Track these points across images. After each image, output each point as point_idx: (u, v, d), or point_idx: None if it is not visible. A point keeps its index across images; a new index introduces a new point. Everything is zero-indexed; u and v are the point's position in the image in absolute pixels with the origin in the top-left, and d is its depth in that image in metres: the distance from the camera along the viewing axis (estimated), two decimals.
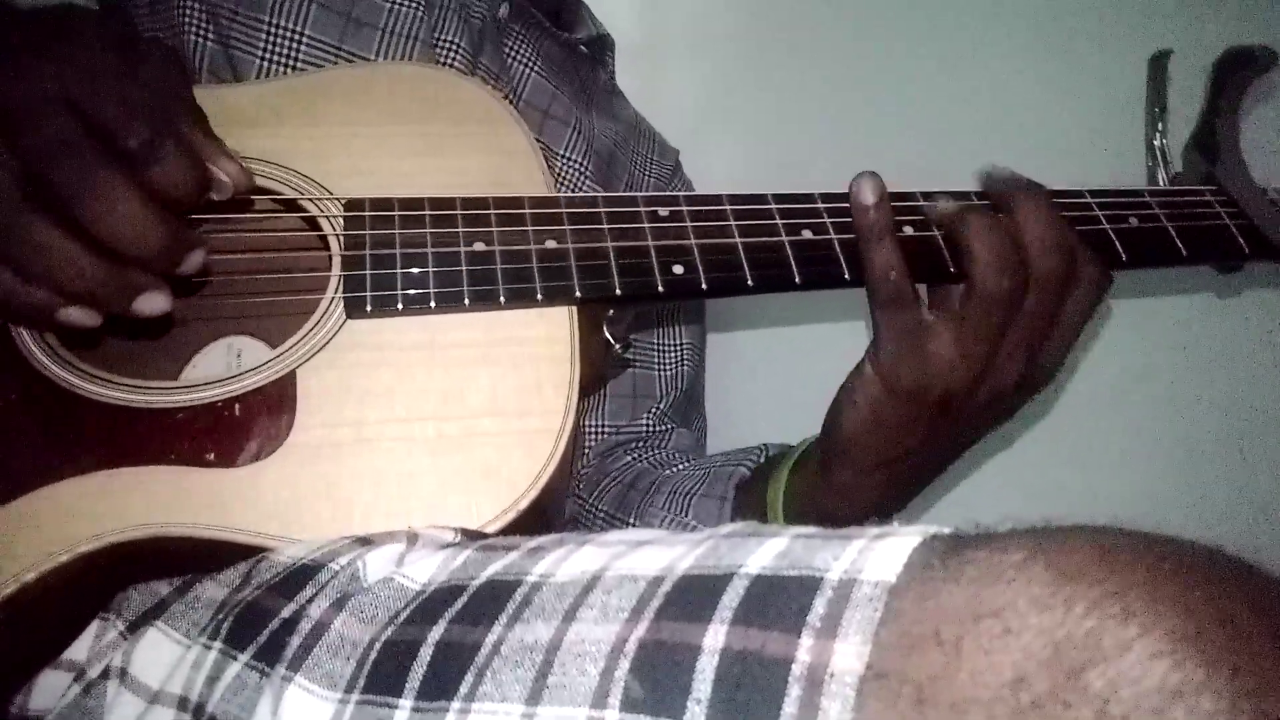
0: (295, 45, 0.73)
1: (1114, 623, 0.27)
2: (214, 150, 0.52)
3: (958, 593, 0.30)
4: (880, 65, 1.14)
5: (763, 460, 0.83)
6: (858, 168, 0.61)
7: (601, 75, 0.99)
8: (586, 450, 0.92)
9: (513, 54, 0.86)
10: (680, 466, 0.89)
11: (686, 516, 0.81)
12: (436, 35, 0.78)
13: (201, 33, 0.73)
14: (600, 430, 0.92)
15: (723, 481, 0.82)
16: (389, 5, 0.76)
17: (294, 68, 0.73)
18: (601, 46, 0.99)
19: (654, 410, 0.94)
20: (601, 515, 0.88)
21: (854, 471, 0.66)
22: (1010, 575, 0.29)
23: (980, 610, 0.29)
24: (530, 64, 0.86)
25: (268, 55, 0.73)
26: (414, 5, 0.77)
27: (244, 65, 0.73)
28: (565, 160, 0.87)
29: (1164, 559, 0.29)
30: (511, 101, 0.83)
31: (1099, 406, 1.05)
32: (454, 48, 0.78)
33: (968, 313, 0.60)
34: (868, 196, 0.60)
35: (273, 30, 0.73)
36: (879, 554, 0.33)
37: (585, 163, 0.88)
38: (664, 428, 0.94)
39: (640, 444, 0.93)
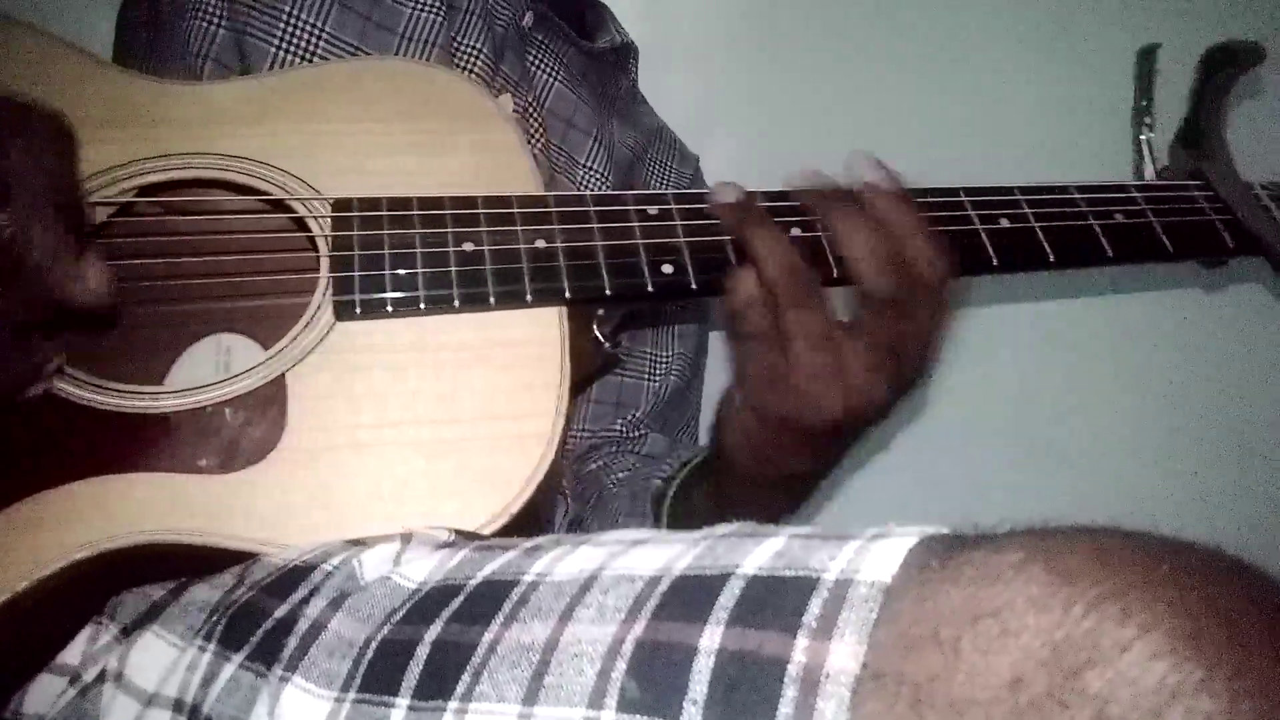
0: (315, 39, 0.73)
1: (1112, 623, 0.27)
2: (73, 263, 0.48)
3: (955, 593, 0.30)
4: (872, 63, 1.14)
5: (675, 470, 0.82)
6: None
7: (624, 82, 0.99)
8: (568, 454, 0.92)
9: (537, 63, 0.86)
10: (620, 475, 0.87)
11: None
12: (457, 40, 0.78)
13: (214, 19, 0.72)
14: (578, 435, 0.92)
15: (643, 499, 0.81)
16: (410, 9, 0.76)
17: (310, 61, 0.73)
18: (625, 54, 0.99)
19: (631, 417, 0.93)
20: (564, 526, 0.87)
21: (742, 485, 0.67)
22: (1008, 576, 0.29)
23: (978, 611, 0.29)
24: (554, 73, 0.87)
25: (285, 45, 0.73)
26: (435, 10, 0.77)
27: (257, 54, 0.72)
28: (586, 170, 0.87)
29: (1162, 559, 0.29)
30: (535, 110, 0.83)
31: (1091, 405, 1.06)
32: (475, 53, 0.79)
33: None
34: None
35: (293, 21, 0.73)
36: (875, 554, 0.33)
37: (605, 173, 0.89)
38: (639, 434, 0.94)
39: (612, 447, 0.92)
